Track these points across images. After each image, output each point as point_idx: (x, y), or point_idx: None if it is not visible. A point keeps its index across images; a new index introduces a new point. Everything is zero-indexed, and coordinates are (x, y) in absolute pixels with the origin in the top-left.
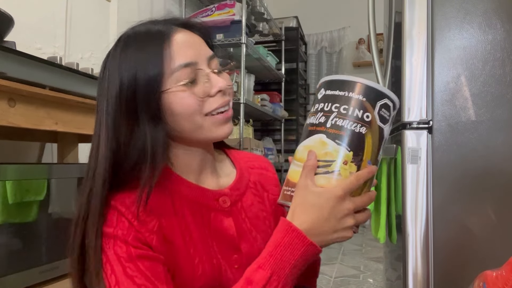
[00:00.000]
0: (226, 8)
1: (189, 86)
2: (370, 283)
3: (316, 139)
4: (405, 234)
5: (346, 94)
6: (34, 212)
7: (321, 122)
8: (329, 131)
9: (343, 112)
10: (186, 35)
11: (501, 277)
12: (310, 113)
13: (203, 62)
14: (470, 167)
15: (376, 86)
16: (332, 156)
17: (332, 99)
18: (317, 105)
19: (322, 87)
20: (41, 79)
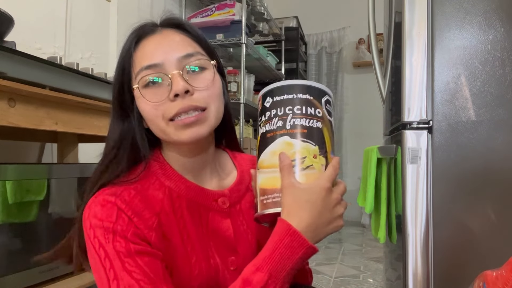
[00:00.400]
0: (226, 8)
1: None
2: (370, 283)
3: (280, 142)
4: (405, 234)
5: (295, 96)
6: (34, 212)
7: (279, 126)
8: (291, 131)
9: (297, 112)
10: (160, 36)
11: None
12: (263, 122)
13: (172, 63)
14: (470, 167)
15: (317, 84)
16: (302, 153)
17: (282, 103)
18: (267, 113)
19: (267, 96)
20: (41, 79)
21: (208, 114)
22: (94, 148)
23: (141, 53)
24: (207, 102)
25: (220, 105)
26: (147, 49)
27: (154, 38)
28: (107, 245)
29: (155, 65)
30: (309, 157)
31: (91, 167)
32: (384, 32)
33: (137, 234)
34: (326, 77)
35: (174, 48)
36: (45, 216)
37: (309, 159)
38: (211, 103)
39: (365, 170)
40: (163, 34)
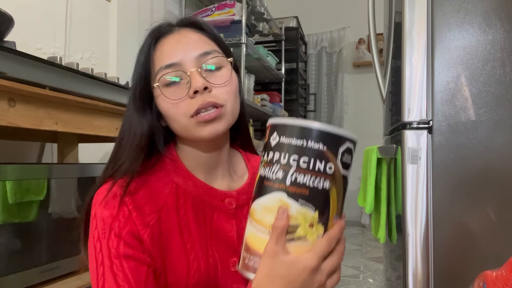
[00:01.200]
0: (226, 8)
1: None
2: (370, 283)
3: (275, 199)
4: (405, 234)
5: (305, 144)
6: (34, 212)
7: (278, 178)
8: (290, 189)
9: (303, 166)
10: (178, 35)
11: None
12: (264, 162)
13: (190, 62)
14: (470, 167)
15: (336, 130)
16: (296, 219)
17: (288, 148)
18: (271, 153)
19: (275, 131)
20: (41, 79)
21: (225, 110)
22: (94, 148)
23: (160, 53)
24: (225, 99)
25: (236, 103)
26: (165, 48)
27: (172, 37)
28: (103, 240)
29: (174, 64)
30: (303, 225)
31: (91, 167)
32: (384, 32)
33: (132, 232)
34: (326, 77)
35: (192, 46)
36: (45, 216)
37: (303, 228)
38: (228, 100)
39: (365, 170)
40: (180, 33)
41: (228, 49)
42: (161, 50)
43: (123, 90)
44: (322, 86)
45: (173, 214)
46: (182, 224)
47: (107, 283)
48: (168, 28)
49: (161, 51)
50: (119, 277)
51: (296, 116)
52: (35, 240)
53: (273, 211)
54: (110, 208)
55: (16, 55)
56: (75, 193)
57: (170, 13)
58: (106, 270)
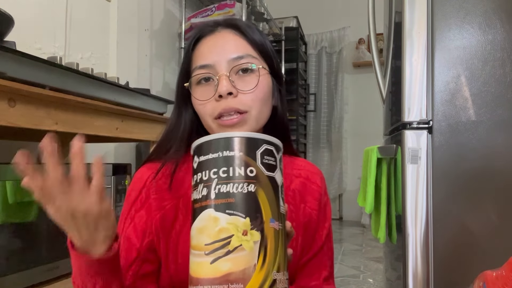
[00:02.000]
0: (226, 8)
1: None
2: (370, 283)
3: (205, 217)
4: (405, 234)
5: (220, 155)
6: (34, 212)
7: (204, 195)
8: (216, 202)
9: (223, 176)
10: (218, 37)
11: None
12: (192, 188)
13: (222, 64)
14: (470, 167)
15: (247, 134)
16: (228, 230)
17: (207, 165)
18: (195, 176)
19: (195, 155)
20: (41, 79)
21: (248, 117)
22: (94, 148)
23: (198, 53)
24: (249, 106)
25: (264, 108)
26: (202, 49)
27: (211, 39)
28: (123, 216)
29: (207, 65)
30: (237, 235)
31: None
32: (384, 32)
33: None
34: (326, 77)
35: (227, 50)
36: (45, 216)
37: (237, 237)
38: (253, 106)
39: (365, 170)
40: (220, 35)
41: (267, 54)
42: (199, 51)
43: (123, 90)
44: (322, 86)
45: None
46: None
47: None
48: (210, 29)
49: (199, 51)
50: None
51: (296, 116)
52: (35, 240)
53: (205, 230)
54: (134, 190)
55: (16, 55)
56: None
57: (170, 13)
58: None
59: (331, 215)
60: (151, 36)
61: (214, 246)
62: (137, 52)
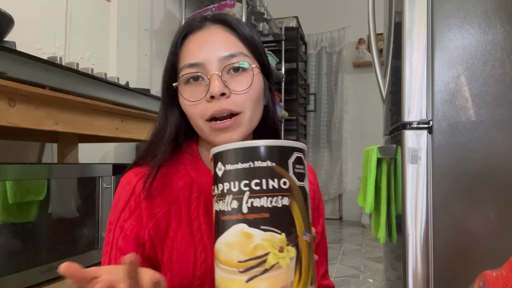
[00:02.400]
0: (226, 8)
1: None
2: (370, 283)
3: (237, 232)
4: (405, 234)
5: (252, 165)
6: (34, 212)
7: (234, 208)
8: (249, 217)
9: (256, 188)
10: (206, 33)
11: (501, 277)
12: (216, 197)
13: (213, 63)
14: (470, 167)
15: (278, 143)
16: (264, 248)
17: (236, 175)
18: (220, 185)
19: (218, 161)
20: (41, 79)
21: (242, 118)
22: (94, 148)
23: (186, 50)
24: (243, 107)
25: (257, 109)
26: (191, 46)
27: (200, 35)
28: (112, 226)
29: (196, 64)
30: (273, 252)
31: (91, 167)
32: (384, 32)
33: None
34: (326, 77)
35: (217, 47)
36: (45, 216)
37: (273, 255)
38: (246, 107)
39: (365, 170)
40: (209, 31)
41: (258, 51)
42: (187, 48)
43: (123, 90)
44: (322, 86)
45: (184, 207)
46: (193, 217)
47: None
48: (198, 24)
49: (187, 48)
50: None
51: (296, 116)
52: (35, 240)
53: (237, 246)
54: (122, 198)
55: (16, 55)
56: (75, 193)
57: (170, 13)
58: (107, 253)
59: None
60: (151, 36)
61: (250, 264)
62: (137, 52)
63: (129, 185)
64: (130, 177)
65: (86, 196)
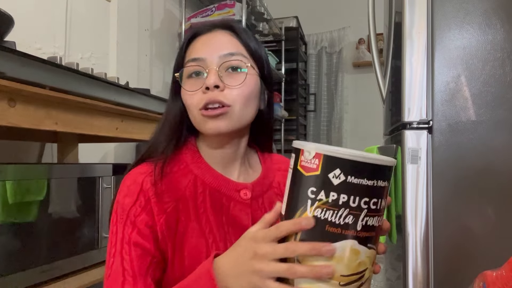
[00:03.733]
0: (226, 8)
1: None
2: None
3: (345, 247)
4: (405, 234)
5: (375, 184)
6: (34, 212)
7: (348, 223)
8: (360, 235)
9: (372, 208)
10: (212, 35)
11: (501, 277)
12: (322, 203)
13: (213, 59)
14: (470, 167)
15: (393, 162)
16: (365, 264)
17: (357, 190)
18: (334, 194)
19: (336, 167)
20: (41, 79)
21: (231, 111)
22: (94, 148)
23: (191, 48)
24: (233, 100)
25: (248, 107)
26: (196, 45)
27: (206, 36)
28: (119, 225)
29: (198, 59)
30: (369, 268)
31: (91, 167)
32: (384, 32)
33: (145, 220)
34: (326, 77)
35: (219, 46)
36: (45, 216)
37: (369, 270)
38: (237, 102)
39: None
40: (214, 34)
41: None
42: (193, 46)
43: (123, 90)
44: (322, 86)
45: (191, 202)
46: (200, 212)
47: (115, 264)
48: (206, 28)
49: (193, 47)
50: (126, 261)
51: (296, 116)
52: (35, 240)
53: (343, 261)
54: (130, 195)
55: (16, 55)
56: (75, 193)
57: (170, 13)
58: (117, 252)
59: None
60: (151, 36)
61: (351, 279)
62: (137, 52)
63: (136, 182)
64: (136, 174)
65: (86, 196)
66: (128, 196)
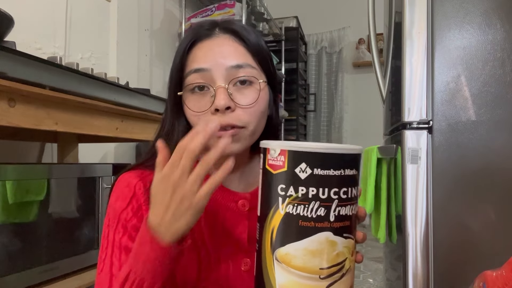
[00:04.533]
0: (226, 8)
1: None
2: (370, 283)
3: (321, 240)
4: (405, 234)
5: (343, 173)
6: (34, 212)
7: (320, 215)
8: (335, 225)
9: (343, 197)
10: (215, 42)
11: (501, 277)
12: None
13: (219, 71)
14: (470, 167)
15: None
16: (344, 254)
17: (326, 181)
18: (303, 188)
19: (302, 161)
20: (41, 79)
21: (244, 133)
22: (94, 148)
23: (193, 56)
24: (247, 122)
25: (260, 123)
26: (198, 53)
27: (208, 43)
28: (111, 228)
29: (203, 69)
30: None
31: (91, 167)
32: (384, 32)
33: (137, 226)
34: (326, 77)
35: (225, 56)
36: (45, 216)
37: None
38: (250, 122)
39: (365, 170)
40: (218, 40)
41: (266, 62)
42: (194, 54)
43: (123, 90)
44: (322, 86)
45: None
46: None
47: (104, 269)
48: (206, 32)
49: (194, 55)
50: (115, 266)
51: (296, 116)
52: (35, 240)
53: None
54: (122, 199)
55: (16, 55)
56: (75, 193)
57: (170, 13)
58: (107, 256)
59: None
60: (151, 36)
61: (331, 271)
62: (137, 52)
63: (129, 186)
64: (130, 178)
65: (86, 196)
66: (120, 199)
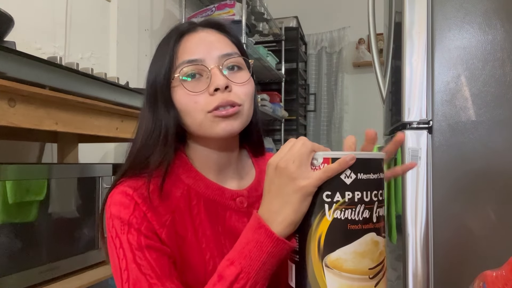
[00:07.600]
0: (226, 8)
1: (191, 83)
2: None
3: (368, 241)
4: (405, 234)
5: (378, 176)
6: (34, 212)
7: (366, 217)
8: (376, 226)
9: (380, 199)
10: (202, 34)
11: (501, 277)
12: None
13: (212, 60)
14: (470, 167)
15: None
16: (384, 253)
17: (368, 185)
18: (349, 193)
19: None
20: (41, 79)
21: (242, 110)
22: (94, 148)
23: (183, 48)
24: (243, 99)
25: (251, 108)
26: (189, 44)
27: (196, 35)
28: (122, 235)
29: (196, 60)
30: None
31: (91, 167)
32: (384, 32)
33: (150, 228)
34: (326, 77)
35: (215, 46)
36: (45, 216)
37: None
38: (246, 100)
39: None
40: (203, 33)
41: (246, 54)
42: (185, 46)
43: (123, 90)
44: (322, 86)
45: (187, 215)
46: (196, 224)
47: (132, 275)
48: (191, 27)
49: (184, 46)
50: (144, 266)
51: (296, 116)
52: (35, 240)
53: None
54: (125, 207)
55: (16, 55)
56: (75, 193)
57: (170, 13)
58: (129, 262)
59: None
60: (151, 36)
61: (377, 270)
62: (137, 52)
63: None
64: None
65: (86, 196)
66: (123, 207)
